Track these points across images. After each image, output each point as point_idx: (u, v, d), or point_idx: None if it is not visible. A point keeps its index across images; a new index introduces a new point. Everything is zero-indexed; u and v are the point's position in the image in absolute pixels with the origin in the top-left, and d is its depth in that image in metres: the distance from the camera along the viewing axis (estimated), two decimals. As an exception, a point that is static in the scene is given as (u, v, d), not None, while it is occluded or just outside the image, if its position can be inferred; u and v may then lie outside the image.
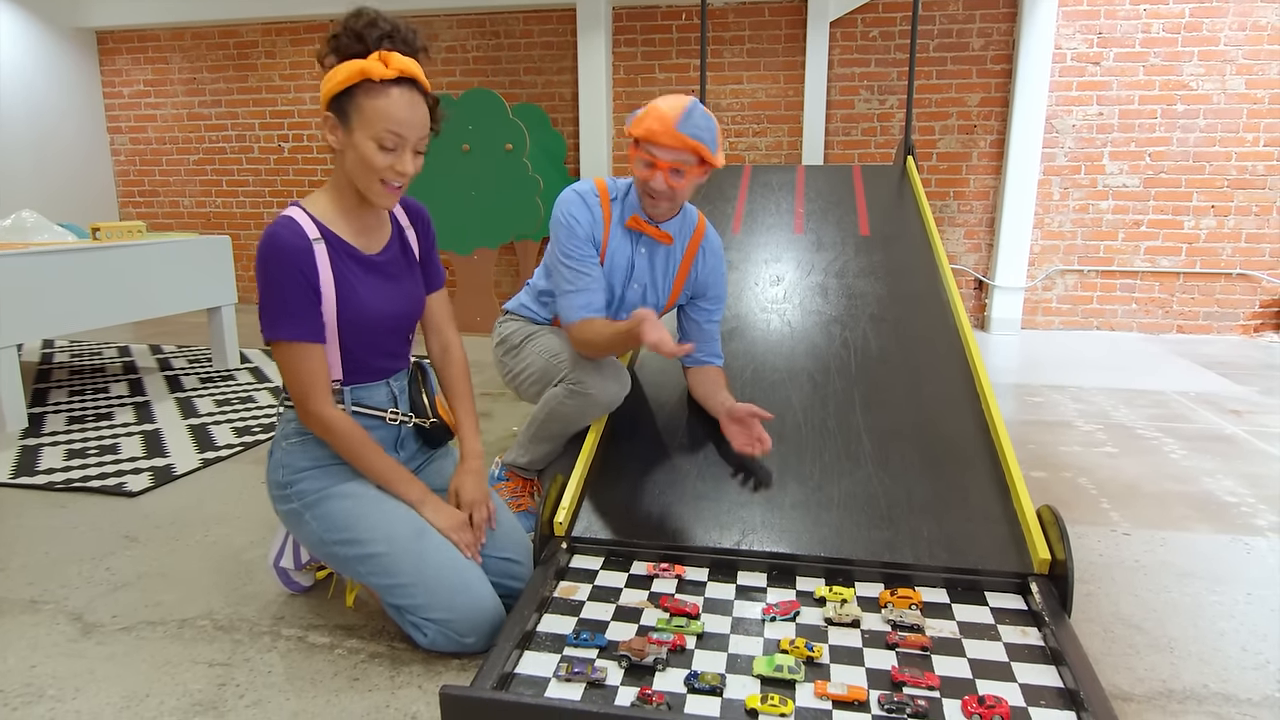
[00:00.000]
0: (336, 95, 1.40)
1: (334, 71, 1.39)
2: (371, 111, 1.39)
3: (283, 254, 1.42)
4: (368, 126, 1.40)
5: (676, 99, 1.80)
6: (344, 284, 1.48)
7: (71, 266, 3.15)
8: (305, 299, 1.44)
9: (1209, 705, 1.41)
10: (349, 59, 1.38)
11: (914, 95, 3.93)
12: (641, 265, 2.01)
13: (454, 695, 1.16)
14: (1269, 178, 4.62)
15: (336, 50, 1.40)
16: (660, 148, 1.79)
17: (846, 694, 1.24)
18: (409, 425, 1.65)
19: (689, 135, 1.77)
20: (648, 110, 1.80)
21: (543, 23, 5.32)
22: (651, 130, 1.77)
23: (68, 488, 2.43)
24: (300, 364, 1.45)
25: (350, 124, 1.41)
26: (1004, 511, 1.72)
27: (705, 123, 1.80)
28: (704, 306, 2.10)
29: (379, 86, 1.38)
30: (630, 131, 1.83)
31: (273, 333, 1.44)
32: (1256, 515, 2.23)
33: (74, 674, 1.50)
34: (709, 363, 2.09)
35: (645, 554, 1.67)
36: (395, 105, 1.39)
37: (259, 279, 1.44)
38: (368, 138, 1.40)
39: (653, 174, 1.83)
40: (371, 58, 1.37)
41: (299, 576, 1.77)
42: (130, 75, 6.03)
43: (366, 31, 1.38)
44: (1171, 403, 3.37)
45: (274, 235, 1.43)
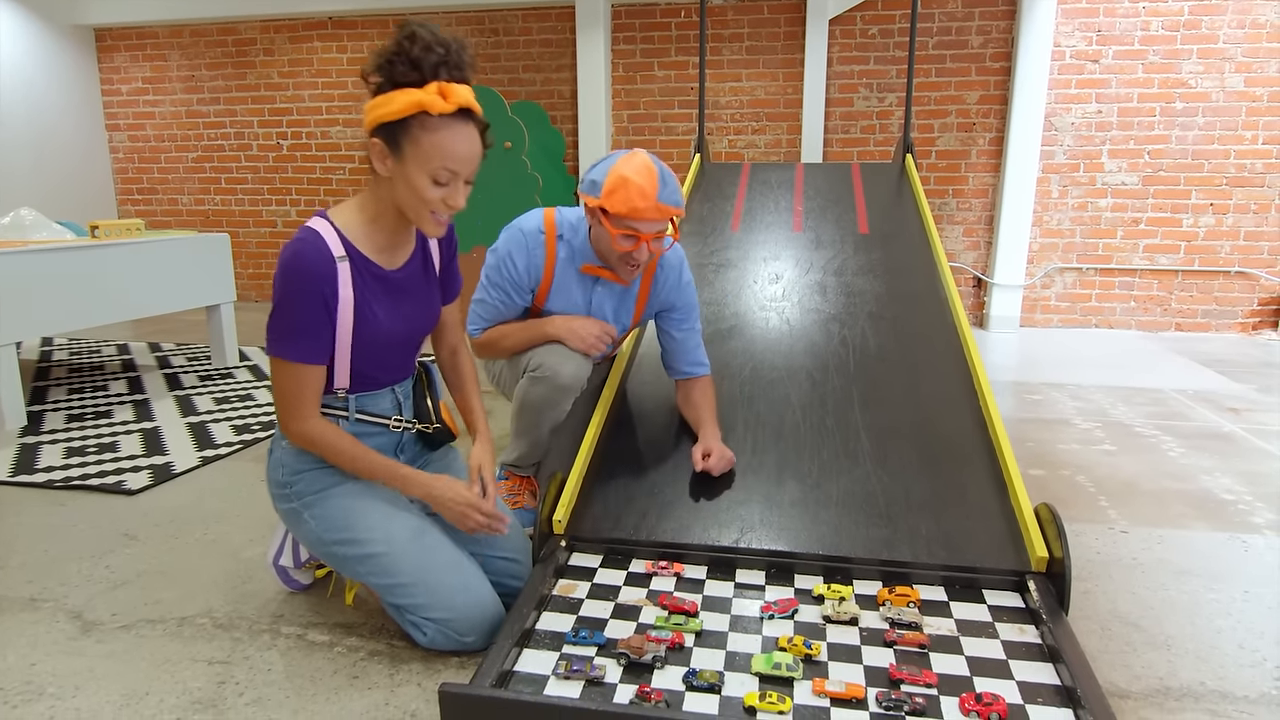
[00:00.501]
0: (387, 122, 1.34)
1: (386, 99, 1.32)
2: (429, 146, 1.33)
3: (305, 274, 1.37)
4: (423, 161, 1.34)
5: (642, 164, 1.75)
6: (362, 303, 1.45)
7: (70, 264, 3.15)
8: (318, 321, 1.41)
9: (1206, 702, 1.42)
10: (402, 85, 1.32)
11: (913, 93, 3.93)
12: (600, 300, 1.98)
13: (453, 693, 1.16)
14: (1268, 175, 4.62)
15: (389, 76, 1.32)
16: (644, 222, 1.76)
17: (844, 691, 1.25)
18: (412, 431, 1.65)
19: (670, 204, 1.76)
20: (617, 182, 1.73)
21: (542, 20, 5.31)
22: (636, 209, 1.73)
23: (67, 486, 2.43)
24: (293, 382, 1.43)
25: (402, 154, 1.35)
26: (1002, 509, 1.73)
27: (674, 183, 1.79)
28: (674, 317, 2.04)
29: (436, 120, 1.32)
30: (604, 205, 1.75)
31: (278, 349, 1.41)
32: (1254, 513, 2.24)
33: (74, 672, 1.50)
34: (692, 373, 2.04)
35: (644, 552, 1.67)
36: (453, 141, 1.34)
37: (276, 291, 1.40)
38: (422, 172, 1.35)
39: (638, 246, 1.79)
40: (429, 89, 1.31)
41: (298, 575, 1.77)
42: (129, 72, 6.02)
43: (423, 58, 1.30)
44: (1170, 400, 3.37)
45: (298, 253, 1.38)
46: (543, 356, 1.91)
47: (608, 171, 1.76)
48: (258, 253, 6.11)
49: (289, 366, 1.42)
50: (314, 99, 5.77)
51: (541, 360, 1.91)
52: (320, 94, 5.75)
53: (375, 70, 1.34)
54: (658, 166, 1.77)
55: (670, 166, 5.44)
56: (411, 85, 1.31)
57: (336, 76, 5.70)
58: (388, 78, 1.33)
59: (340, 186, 5.86)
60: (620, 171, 1.74)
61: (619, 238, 1.78)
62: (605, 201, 1.75)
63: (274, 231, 6.06)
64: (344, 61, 5.67)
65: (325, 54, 5.68)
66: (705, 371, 2.06)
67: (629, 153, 1.80)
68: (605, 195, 1.75)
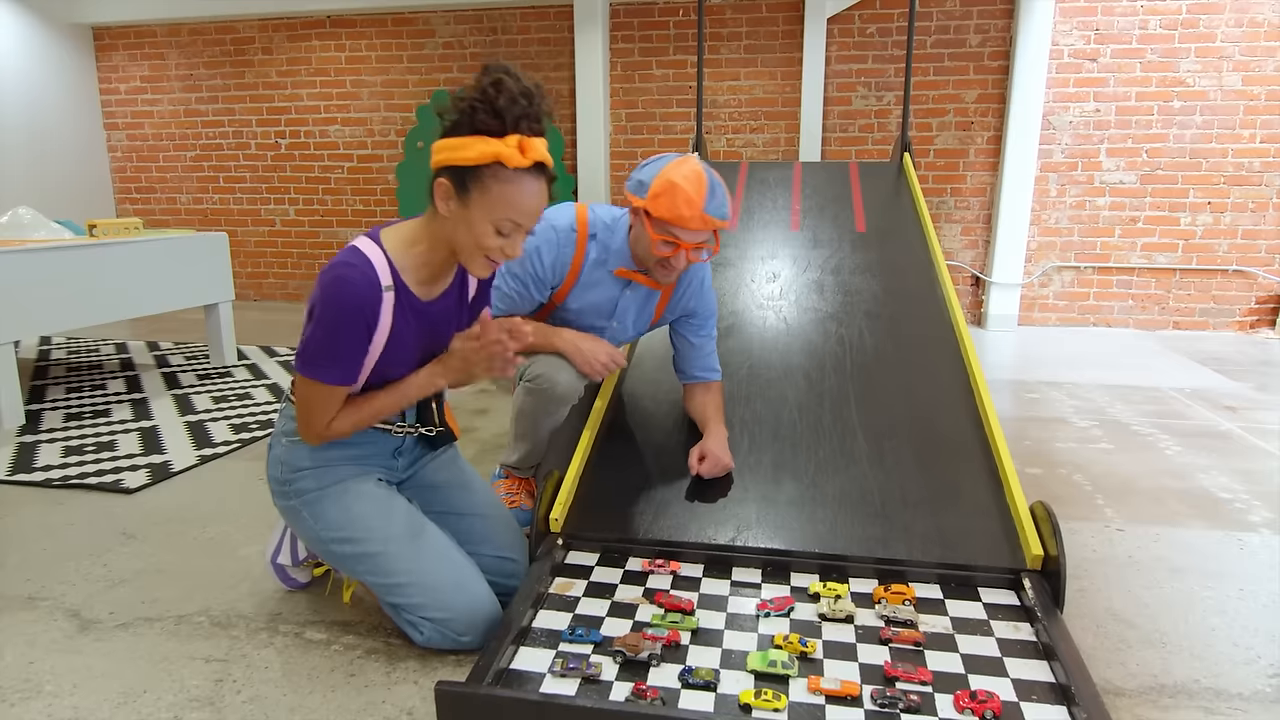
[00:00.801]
0: (458, 165, 1.32)
1: (462, 144, 1.30)
2: (499, 197, 1.32)
3: (353, 304, 1.34)
4: (490, 210, 1.33)
5: (693, 171, 1.71)
6: (396, 332, 1.43)
7: (68, 264, 3.15)
8: (358, 349, 1.39)
9: (1200, 700, 1.42)
10: (481, 133, 1.29)
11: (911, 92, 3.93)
12: (625, 304, 1.95)
13: (449, 691, 1.17)
14: (1265, 174, 4.63)
15: (470, 122, 1.30)
16: (687, 231, 1.72)
17: (840, 689, 1.25)
18: (414, 434, 1.65)
19: (716, 217, 1.72)
20: (665, 186, 1.69)
21: (540, 19, 5.31)
22: (680, 216, 1.69)
23: (65, 485, 2.43)
24: (320, 400, 1.42)
25: (469, 199, 1.33)
26: (998, 507, 1.73)
27: (723, 194, 1.74)
28: (692, 323, 2.01)
29: (510, 173, 1.31)
30: (648, 208, 1.72)
31: (312, 372, 1.38)
32: (1250, 511, 2.24)
33: (71, 670, 1.50)
34: (702, 378, 2.02)
35: (640, 550, 1.68)
36: (523, 195, 1.33)
37: (318, 312, 1.36)
38: (487, 219, 1.33)
39: (675, 253, 1.76)
40: (509, 141, 1.29)
41: (296, 573, 1.77)
42: (127, 71, 6.02)
43: (507, 109, 1.28)
44: (1167, 399, 3.38)
45: (348, 280, 1.34)
46: (540, 367, 1.91)
47: (657, 174, 1.72)
48: (256, 251, 6.12)
49: (320, 388, 1.40)
50: (312, 98, 5.77)
51: (539, 371, 1.91)
52: (318, 92, 5.75)
53: (455, 111, 1.32)
54: (708, 175, 1.72)
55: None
56: (490, 134, 1.29)
57: (335, 75, 5.70)
58: (467, 123, 1.30)
59: (338, 185, 5.86)
60: (669, 176, 1.70)
61: (659, 243, 1.75)
62: (650, 204, 1.71)
63: (272, 230, 6.06)
64: (342, 60, 5.67)
65: (324, 52, 5.68)
66: (717, 377, 2.04)
67: (682, 157, 1.75)
68: (651, 198, 1.71)
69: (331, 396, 1.42)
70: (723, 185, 1.75)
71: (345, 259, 1.37)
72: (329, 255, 5.99)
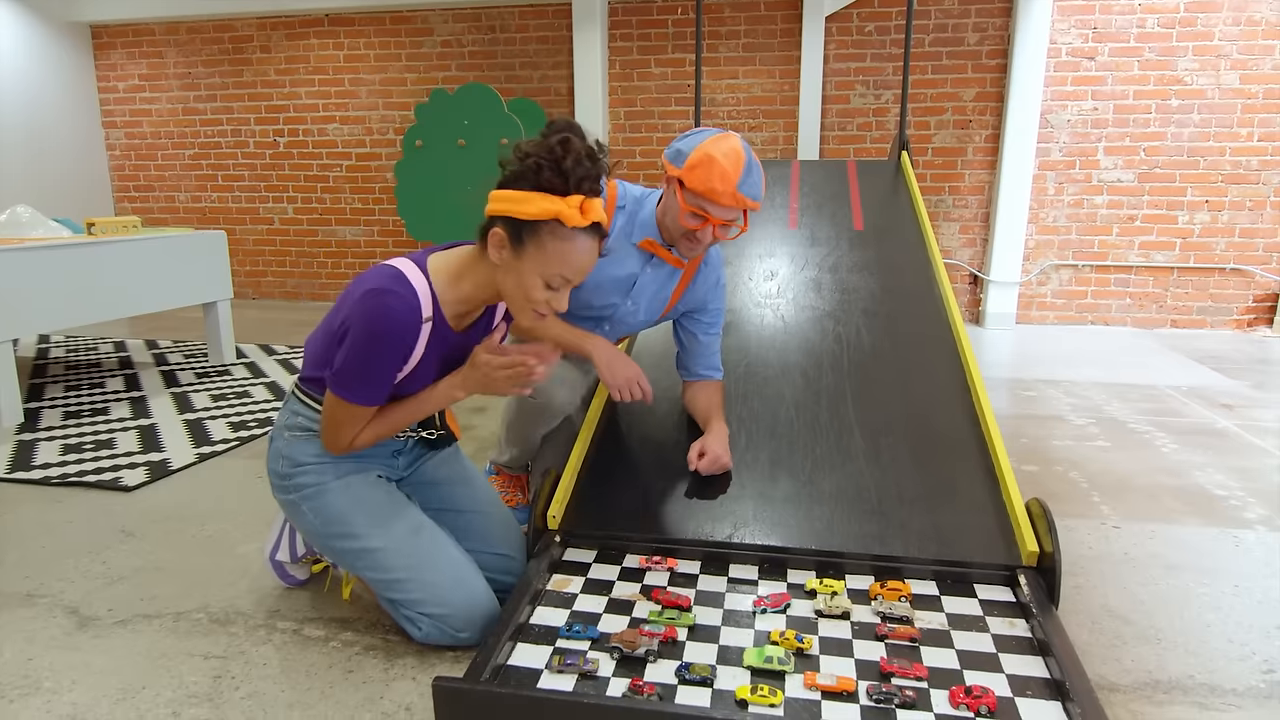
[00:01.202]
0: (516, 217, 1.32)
1: (524, 198, 1.30)
2: (554, 253, 1.33)
3: (395, 333, 1.35)
4: (543, 265, 1.33)
5: (732, 149, 1.70)
6: (425, 359, 1.44)
7: (67, 262, 3.15)
8: (389, 374, 1.40)
9: (1194, 695, 1.43)
10: (545, 189, 1.30)
11: (909, 90, 3.93)
12: (644, 282, 1.92)
13: (447, 687, 1.17)
14: (1263, 172, 4.64)
15: (534, 179, 1.30)
16: (717, 206, 1.71)
17: (835, 685, 1.26)
18: (416, 437, 1.66)
19: (748, 196, 1.70)
20: (702, 159, 1.68)
21: (538, 17, 5.32)
22: (713, 190, 1.68)
23: (64, 482, 2.44)
24: (347, 416, 1.42)
25: (523, 251, 1.33)
26: (993, 505, 1.74)
27: (759, 175, 1.73)
28: (702, 320, 2.00)
29: (568, 231, 1.32)
30: (681, 176, 1.71)
31: (343, 390, 1.39)
32: (1246, 509, 2.25)
33: (70, 666, 1.51)
34: (706, 376, 2.01)
35: (637, 547, 1.68)
36: (578, 254, 1.34)
37: (355, 331, 1.35)
38: (537, 273, 1.34)
39: (703, 227, 1.75)
40: (571, 201, 1.30)
41: (295, 570, 1.78)
42: (125, 69, 6.02)
43: (572, 171, 1.29)
44: (1164, 397, 3.39)
45: (391, 309, 1.34)
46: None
47: (696, 145, 1.71)
48: (254, 250, 6.12)
49: (351, 408, 1.41)
50: (311, 96, 5.77)
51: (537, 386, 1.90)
52: (317, 91, 5.75)
53: (518, 163, 1.32)
54: (747, 154, 1.71)
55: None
56: (554, 192, 1.30)
57: (333, 73, 5.70)
58: (531, 178, 1.30)
59: (336, 184, 5.86)
60: (708, 149, 1.69)
61: (687, 214, 1.74)
62: (685, 174, 1.70)
63: (270, 228, 6.06)
64: (340, 58, 5.67)
65: (322, 50, 5.68)
66: (719, 376, 2.03)
67: (723, 133, 1.74)
68: (687, 168, 1.70)
69: (360, 415, 1.43)
70: (759, 167, 1.74)
71: (390, 285, 1.35)
72: (328, 254, 6.00)
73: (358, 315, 1.35)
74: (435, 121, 4.94)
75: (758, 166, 1.73)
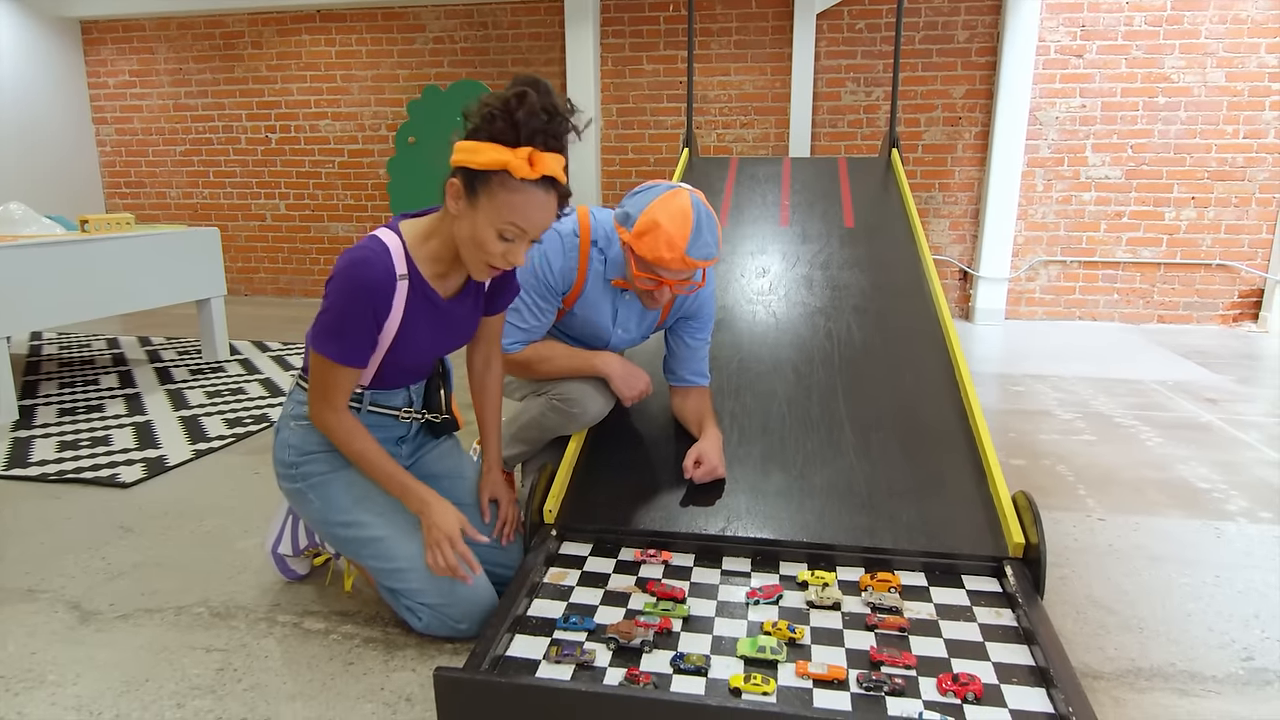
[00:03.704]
0: (470, 168, 1.35)
1: (476, 148, 1.32)
2: (504, 203, 1.34)
3: (363, 287, 1.39)
4: (494, 215, 1.35)
5: (679, 210, 1.68)
6: (409, 323, 1.47)
7: (61, 259, 3.15)
8: (364, 330, 1.43)
9: (1175, 682, 1.47)
10: (497, 140, 1.32)
11: (899, 87, 3.97)
12: (627, 311, 1.96)
13: (448, 677, 1.20)
14: (1248, 169, 4.69)
15: (488, 129, 1.32)
16: (669, 270, 1.71)
17: (827, 673, 1.29)
18: (420, 420, 1.68)
19: (699, 258, 1.70)
20: (649, 225, 1.67)
21: (530, 14, 5.32)
22: (661, 259, 1.67)
23: (61, 479, 2.45)
24: (329, 376, 1.45)
25: (476, 201, 1.36)
26: (981, 497, 1.77)
27: (711, 231, 1.71)
28: (693, 326, 2.01)
29: (517, 182, 1.33)
30: (630, 244, 1.71)
31: (320, 346, 1.42)
32: (1228, 501, 2.29)
33: (74, 660, 1.53)
34: (694, 383, 2.02)
35: (632, 540, 1.71)
36: (528, 205, 1.35)
37: (331, 290, 1.40)
38: (490, 224, 1.36)
39: (659, 288, 1.76)
40: (520, 153, 1.31)
41: (295, 563, 1.80)
42: (115, 65, 5.99)
43: (524, 122, 1.30)
44: (1150, 392, 3.44)
45: (364, 262, 1.39)
46: (572, 391, 1.92)
47: (643, 210, 1.70)
48: (246, 246, 6.11)
49: (328, 364, 1.44)
50: (302, 92, 5.77)
51: (571, 395, 1.92)
52: (309, 87, 5.75)
53: (478, 115, 1.34)
54: (695, 213, 1.68)
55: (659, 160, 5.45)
56: (505, 143, 1.32)
57: (325, 70, 5.70)
58: (485, 129, 1.33)
59: (329, 180, 5.86)
60: (654, 215, 1.67)
61: (641, 278, 1.75)
62: (634, 242, 1.70)
63: (263, 225, 6.05)
64: (332, 55, 5.66)
65: (314, 47, 5.67)
66: (706, 382, 2.04)
67: (673, 190, 1.72)
68: (635, 235, 1.70)
69: (338, 376, 1.46)
70: (711, 219, 1.73)
71: (363, 244, 1.42)
72: (320, 250, 6.01)
73: (334, 276, 1.41)
74: (428, 118, 4.94)
75: (709, 223, 1.72)
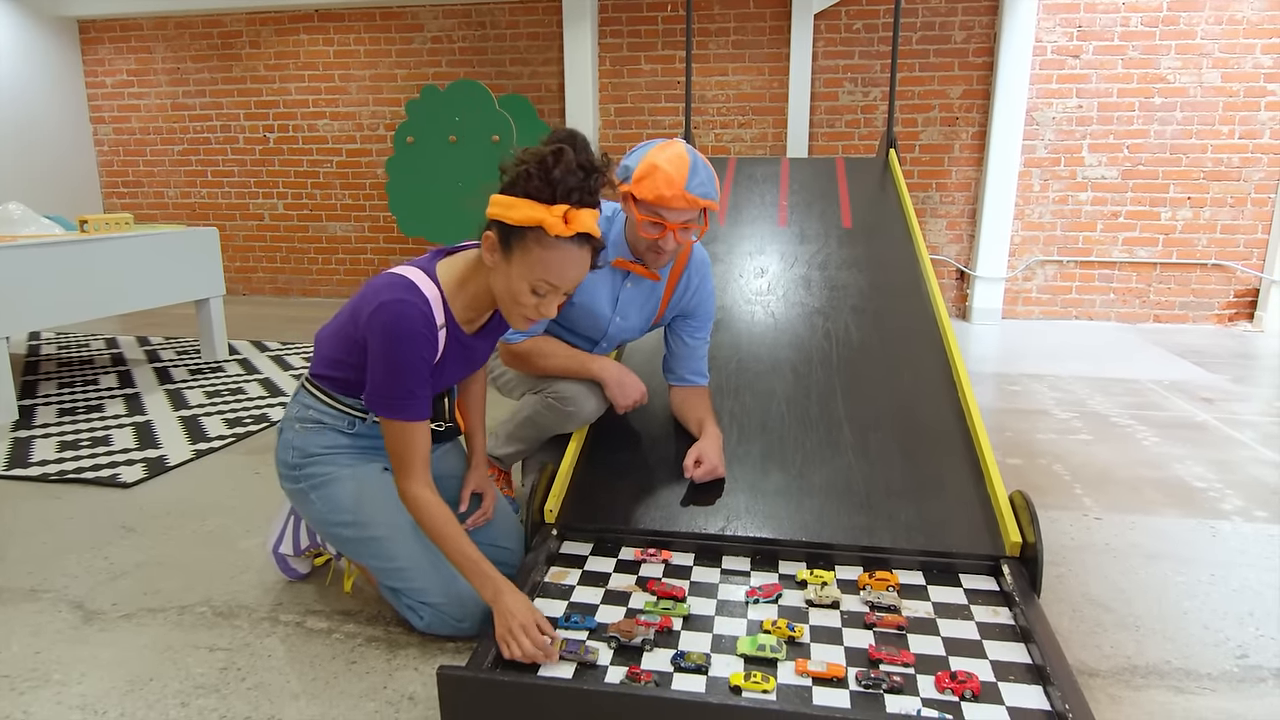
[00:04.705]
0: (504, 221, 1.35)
1: (512, 203, 1.33)
2: (538, 260, 1.35)
3: (415, 338, 1.38)
4: (528, 270, 1.36)
5: (675, 154, 1.74)
6: (442, 362, 1.48)
7: (60, 259, 3.15)
8: (424, 381, 1.43)
9: (1170, 679, 1.49)
10: (532, 196, 1.32)
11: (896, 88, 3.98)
12: (627, 298, 1.97)
13: (451, 675, 1.21)
14: (1244, 169, 4.71)
15: (525, 184, 1.33)
16: (671, 210, 1.75)
17: (826, 671, 1.30)
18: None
19: (698, 195, 1.74)
20: (647, 169, 1.73)
21: (529, 13, 5.33)
22: (661, 196, 1.71)
23: (62, 479, 2.46)
24: (409, 441, 1.43)
25: (511, 255, 1.37)
26: (978, 497, 1.79)
27: (708, 174, 1.77)
28: (692, 325, 2.03)
29: (552, 240, 1.33)
30: (631, 191, 1.76)
31: (394, 412, 1.41)
32: (1223, 500, 2.31)
33: (78, 659, 1.54)
34: (692, 382, 2.04)
35: (633, 540, 1.72)
36: (562, 262, 1.36)
37: (382, 350, 1.38)
38: (524, 278, 1.37)
39: (663, 234, 1.78)
40: (555, 211, 1.31)
41: (297, 563, 1.81)
42: (113, 65, 5.99)
43: (560, 180, 1.32)
44: (1146, 391, 3.45)
45: (408, 317, 1.37)
46: (569, 389, 1.94)
47: (641, 158, 1.76)
48: (245, 246, 6.11)
49: (405, 426, 1.42)
50: (300, 92, 5.77)
51: (568, 394, 1.93)
52: (307, 87, 5.75)
53: (513, 170, 1.35)
54: (691, 156, 1.75)
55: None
56: (540, 200, 1.32)
57: (323, 69, 5.70)
58: (521, 185, 1.33)
59: (327, 179, 5.86)
60: (652, 159, 1.74)
61: (645, 224, 1.78)
62: (634, 188, 1.75)
63: (261, 224, 6.05)
64: (330, 55, 5.66)
65: (312, 46, 5.67)
66: (705, 382, 2.06)
67: (666, 141, 1.78)
68: (635, 181, 1.75)
69: (416, 435, 1.43)
70: (708, 167, 1.78)
71: (402, 295, 1.38)
72: (318, 249, 6.01)
73: (377, 329, 1.38)
74: (426, 118, 4.94)
75: (705, 166, 1.77)
